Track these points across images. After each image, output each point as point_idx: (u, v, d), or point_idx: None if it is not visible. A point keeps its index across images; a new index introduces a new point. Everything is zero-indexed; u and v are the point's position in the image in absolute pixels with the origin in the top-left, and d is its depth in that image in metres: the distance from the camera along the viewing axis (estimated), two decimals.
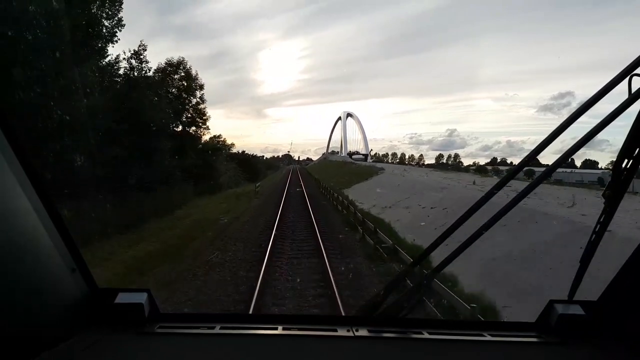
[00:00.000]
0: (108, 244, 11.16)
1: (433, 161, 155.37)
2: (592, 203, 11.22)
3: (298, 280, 7.68)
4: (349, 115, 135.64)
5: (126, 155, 16.05)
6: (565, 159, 1.08)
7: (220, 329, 1.18)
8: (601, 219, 1.08)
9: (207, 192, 25.24)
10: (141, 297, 1.18)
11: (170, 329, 1.18)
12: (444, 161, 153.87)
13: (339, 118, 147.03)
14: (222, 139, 32.89)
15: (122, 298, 1.17)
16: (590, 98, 0.99)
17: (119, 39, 17.73)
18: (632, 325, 1.11)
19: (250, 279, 7.54)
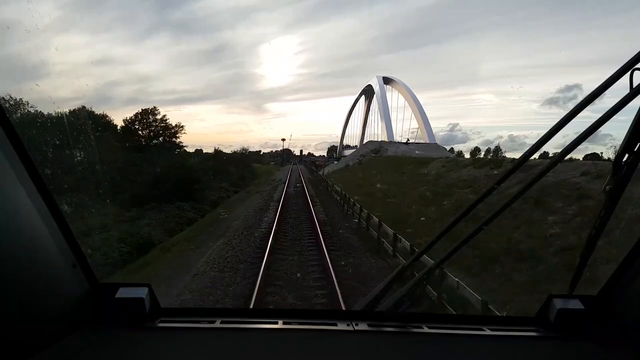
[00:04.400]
0: None
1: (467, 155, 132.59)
2: None
3: None
4: (386, 81, 77.41)
5: None
6: (567, 153, 1.08)
7: (220, 323, 1.19)
8: (601, 214, 1.08)
9: None
10: (142, 292, 1.18)
11: (171, 323, 1.18)
12: (481, 156, 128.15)
13: (363, 92, 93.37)
14: None
15: (122, 293, 1.18)
16: (592, 92, 0.99)
17: None
18: (632, 320, 1.11)
19: None
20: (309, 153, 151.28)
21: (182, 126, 33.19)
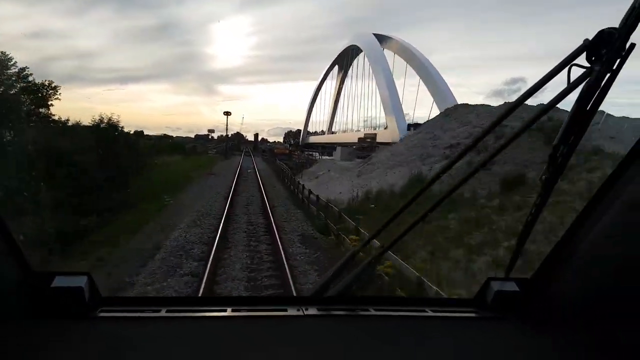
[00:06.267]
0: None
1: None
2: None
3: None
4: (380, 40, 56.97)
5: None
6: (507, 145, 1.13)
7: (166, 312, 1.13)
8: (537, 202, 1.15)
9: None
10: (81, 281, 1.09)
11: (113, 313, 1.10)
12: None
13: (336, 61, 77.83)
14: None
15: (59, 282, 1.07)
16: (533, 86, 1.02)
17: None
18: (562, 300, 1.20)
19: None
20: (263, 139, 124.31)
21: (55, 87, 18.94)
